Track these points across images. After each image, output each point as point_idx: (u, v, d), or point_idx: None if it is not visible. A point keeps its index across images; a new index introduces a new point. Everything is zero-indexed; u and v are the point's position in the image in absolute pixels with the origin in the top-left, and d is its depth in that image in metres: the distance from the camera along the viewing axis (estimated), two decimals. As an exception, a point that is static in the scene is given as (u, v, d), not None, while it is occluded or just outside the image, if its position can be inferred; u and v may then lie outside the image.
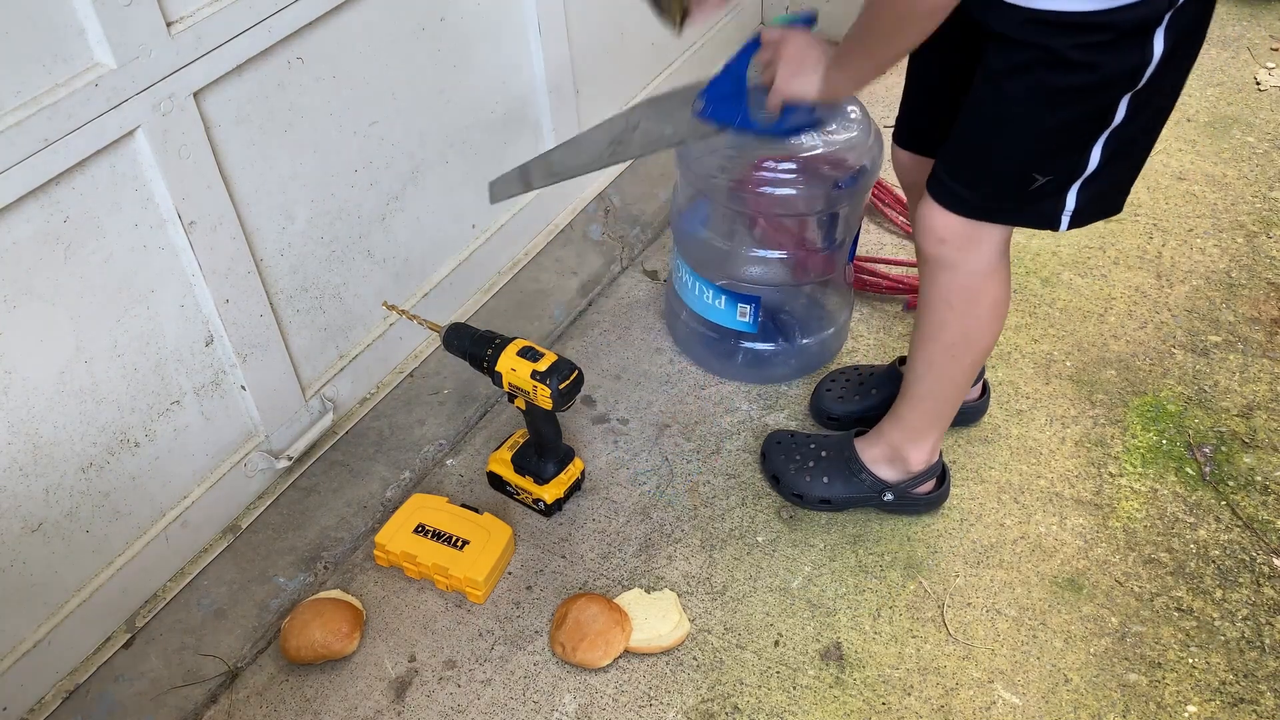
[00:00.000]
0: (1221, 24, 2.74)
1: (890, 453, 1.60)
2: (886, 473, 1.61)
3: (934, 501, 1.65)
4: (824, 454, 1.66)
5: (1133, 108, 1.20)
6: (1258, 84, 2.53)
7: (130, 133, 1.31)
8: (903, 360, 1.76)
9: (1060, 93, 1.19)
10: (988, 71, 1.24)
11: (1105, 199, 1.31)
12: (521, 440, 1.71)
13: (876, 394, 1.76)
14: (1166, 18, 1.13)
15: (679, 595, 1.57)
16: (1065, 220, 1.30)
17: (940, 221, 1.35)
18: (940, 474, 1.64)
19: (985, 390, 1.78)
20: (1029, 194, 1.28)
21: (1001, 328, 1.47)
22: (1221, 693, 1.44)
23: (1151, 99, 1.21)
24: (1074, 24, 1.13)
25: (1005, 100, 1.23)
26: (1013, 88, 1.22)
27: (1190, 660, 1.47)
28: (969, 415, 1.77)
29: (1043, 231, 2.14)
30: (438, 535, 1.59)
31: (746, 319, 1.82)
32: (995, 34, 1.20)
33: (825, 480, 1.64)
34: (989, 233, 1.35)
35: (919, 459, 1.59)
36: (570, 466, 1.68)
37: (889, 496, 1.63)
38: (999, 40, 1.21)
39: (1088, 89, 1.19)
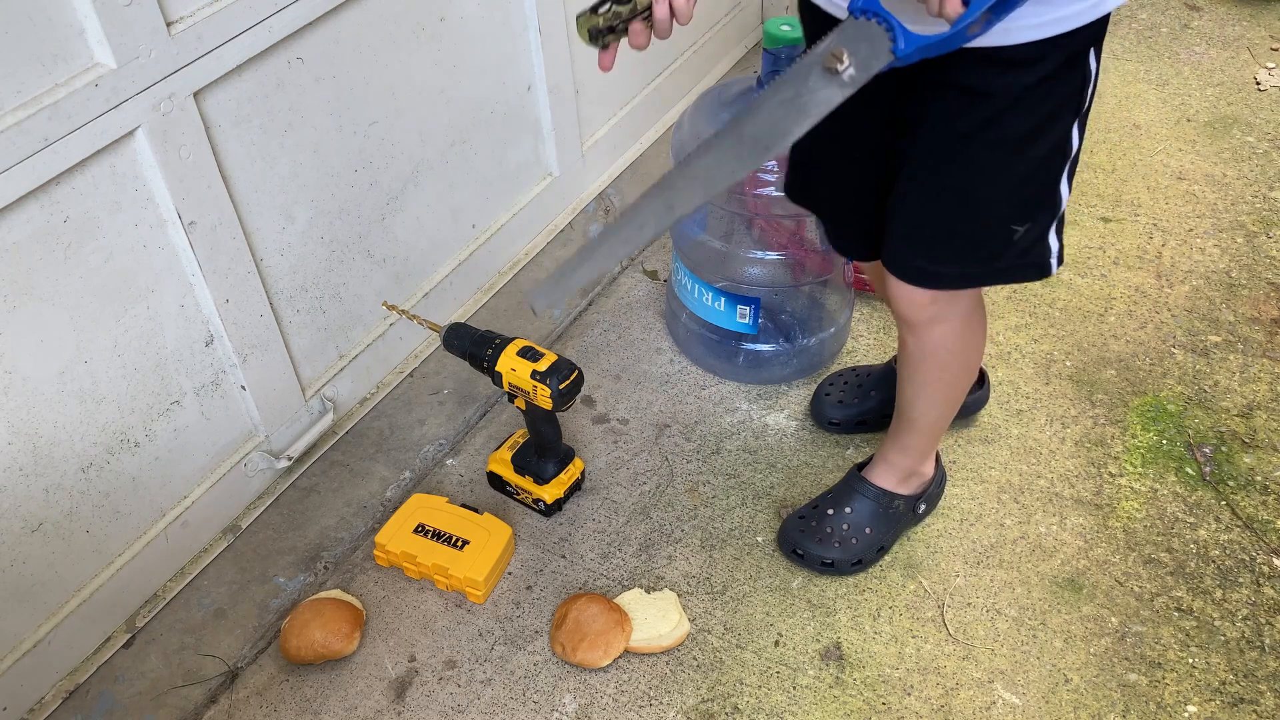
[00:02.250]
0: (1221, 24, 2.74)
1: (904, 474, 1.57)
2: (907, 489, 1.59)
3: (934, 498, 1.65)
4: (848, 509, 1.58)
5: (1079, 130, 1.19)
6: (1258, 84, 2.53)
7: (130, 133, 1.31)
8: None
9: (1025, 136, 1.16)
10: (937, 142, 1.20)
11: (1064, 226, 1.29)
12: (521, 440, 1.71)
13: (875, 395, 1.76)
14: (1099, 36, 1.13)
15: (679, 595, 1.57)
16: (1054, 263, 1.27)
17: (922, 298, 1.31)
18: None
19: (984, 379, 1.77)
20: (1014, 248, 1.24)
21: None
22: (1221, 693, 1.44)
23: (1087, 115, 1.20)
24: (1025, 59, 1.10)
25: (972, 164, 1.19)
26: (976, 148, 1.17)
27: (1190, 660, 1.47)
28: (971, 407, 1.76)
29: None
30: (438, 535, 1.59)
31: (746, 320, 1.82)
32: (939, 95, 1.16)
33: (868, 531, 1.56)
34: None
35: (930, 467, 1.60)
36: (570, 466, 1.68)
37: (923, 508, 1.62)
38: (946, 102, 1.16)
39: (1046, 124, 1.16)
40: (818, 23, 1.21)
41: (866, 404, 1.76)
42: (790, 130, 0.96)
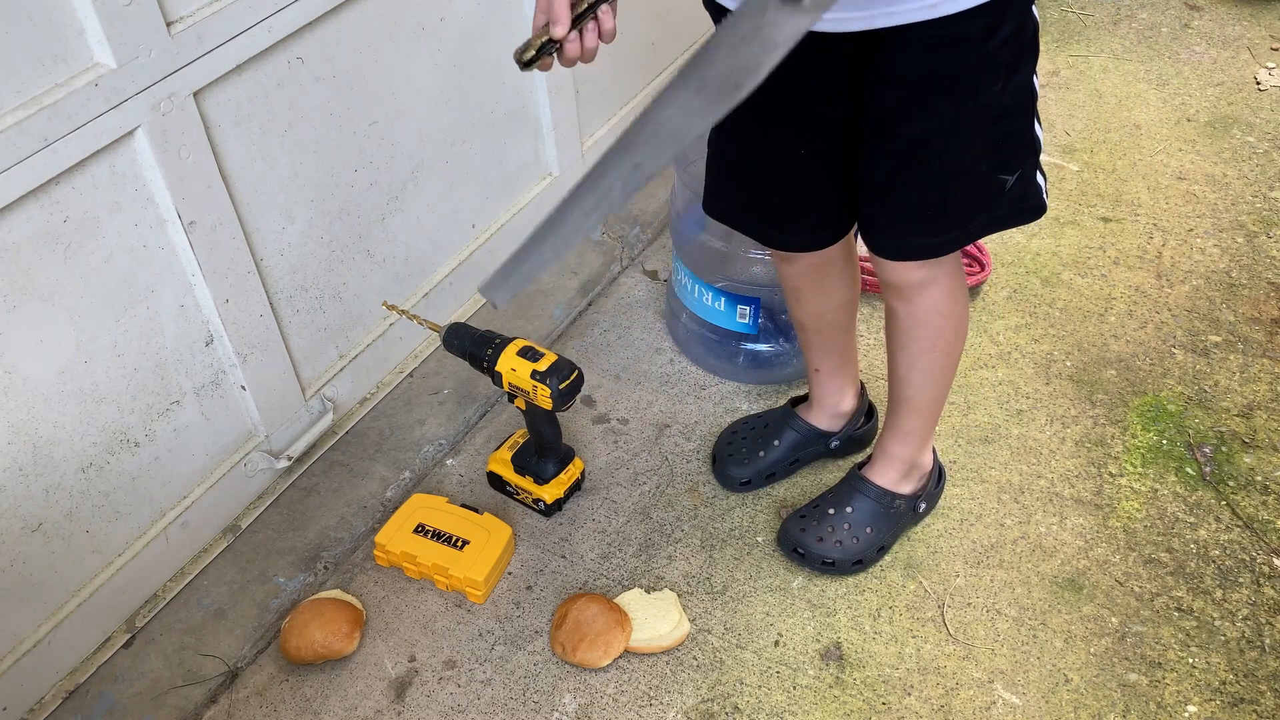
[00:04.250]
0: (1222, 24, 2.74)
1: (905, 466, 1.57)
2: (908, 487, 1.58)
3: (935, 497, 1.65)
4: (849, 509, 1.57)
5: (1036, 73, 1.23)
6: (1258, 84, 2.53)
7: (130, 133, 1.31)
8: (794, 402, 1.74)
9: (997, 97, 1.19)
10: (919, 132, 1.20)
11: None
12: (521, 440, 1.71)
13: (779, 445, 1.70)
14: None
15: (679, 595, 1.57)
16: (1046, 198, 1.31)
17: (921, 271, 1.33)
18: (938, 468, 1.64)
19: (872, 411, 1.77)
20: (1007, 196, 1.27)
21: None
22: (1221, 693, 1.44)
23: (1038, 57, 1.23)
24: (986, 27, 1.12)
25: (956, 141, 1.21)
26: (958, 125, 1.19)
27: (1190, 660, 1.47)
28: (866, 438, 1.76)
29: (1042, 231, 2.14)
30: (438, 535, 1.59)
31: (746, 320, 1.82)
32: (911, 83, 1.17)
33: (869, 530, 1.56)
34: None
35: (929, 458, 1.60)
36: (570, 466, 1.68)
37: (923, 506, 1.61)
38: (922, 89, 1.17)
39: (1013, 79, 1.19)
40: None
41: (772, 454, 1.69)
42: (760, 64, 0.88)
